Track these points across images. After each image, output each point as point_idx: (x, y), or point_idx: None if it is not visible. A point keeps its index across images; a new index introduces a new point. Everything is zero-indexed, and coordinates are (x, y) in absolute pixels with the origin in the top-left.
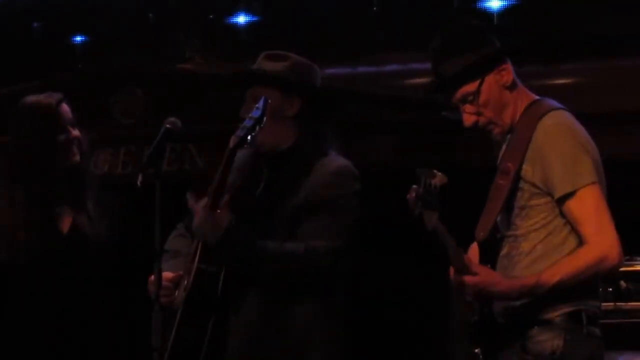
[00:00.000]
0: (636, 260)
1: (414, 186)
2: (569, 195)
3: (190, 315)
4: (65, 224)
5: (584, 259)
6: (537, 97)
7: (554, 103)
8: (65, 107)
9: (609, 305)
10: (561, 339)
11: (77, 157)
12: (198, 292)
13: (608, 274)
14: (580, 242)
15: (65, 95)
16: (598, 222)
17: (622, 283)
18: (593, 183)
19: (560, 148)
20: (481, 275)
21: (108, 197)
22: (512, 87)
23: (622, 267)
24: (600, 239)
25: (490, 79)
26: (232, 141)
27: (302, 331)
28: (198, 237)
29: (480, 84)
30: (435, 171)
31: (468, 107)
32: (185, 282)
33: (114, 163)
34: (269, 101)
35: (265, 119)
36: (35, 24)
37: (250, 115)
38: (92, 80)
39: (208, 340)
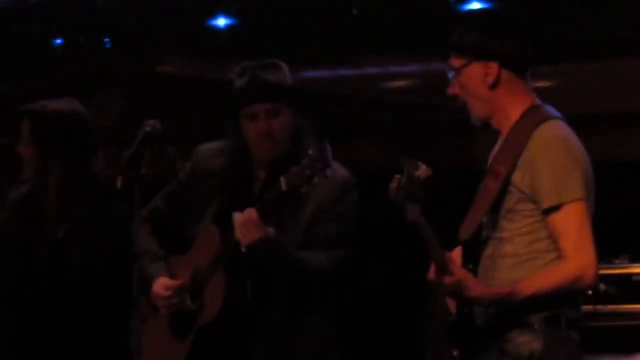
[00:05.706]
0: (615, 263)
1: (397, 176)
2: (554, 208)
3: (207, 339)
4: (60, 230)
5: (561, 274)
6: (537, 103)
7: (552, 111)
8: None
9: (589, 308)
10: (540, 341)
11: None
12: (222, 325)
13: (581, 292)
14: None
15: (44, 97)
16: (579, 239)
17: (602, 286)
18: (579, 199)
19: (552, 160)
20: (457, 277)
21: (116, 210)
22: (493, 87)
23: (602, 270)
24: (580, 257)
25: (476, 67)
26: (285, 185)
27: (318, 344)
28: (243, 245)
29: (464, 66)
30: (419, 163)
31: (453, 79)
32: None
33: None
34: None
35: (327, 170)
36: (14, 26)
37: (308, 162)
38: (71, 82)
39: None
